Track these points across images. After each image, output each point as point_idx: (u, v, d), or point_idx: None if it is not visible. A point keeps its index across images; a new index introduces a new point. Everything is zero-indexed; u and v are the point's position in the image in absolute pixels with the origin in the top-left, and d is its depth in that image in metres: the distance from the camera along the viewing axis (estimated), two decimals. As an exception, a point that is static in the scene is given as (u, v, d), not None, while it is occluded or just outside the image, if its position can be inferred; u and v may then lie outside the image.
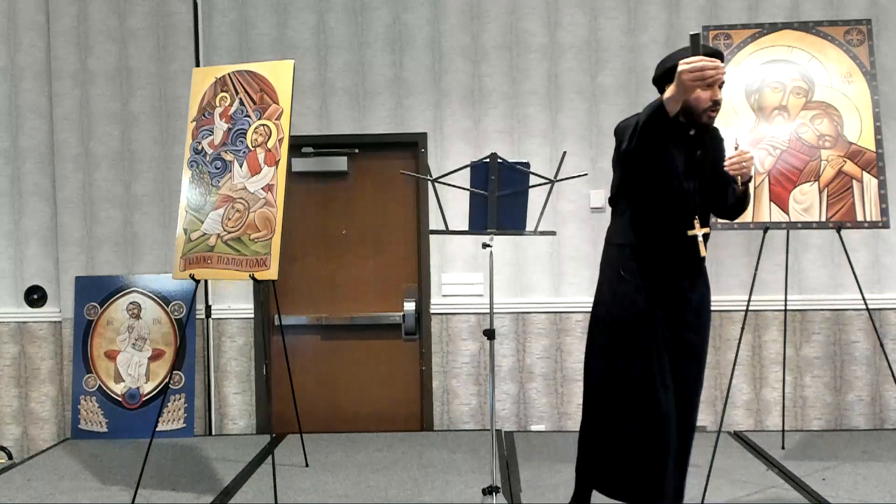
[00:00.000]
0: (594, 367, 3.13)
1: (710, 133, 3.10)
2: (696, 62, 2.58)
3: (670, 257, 3.02)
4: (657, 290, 3.02)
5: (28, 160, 5.08)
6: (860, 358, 4.88)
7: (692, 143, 3.05)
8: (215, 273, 3.78)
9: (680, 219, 3.01)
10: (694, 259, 3.02)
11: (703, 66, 2.57)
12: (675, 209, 3.00)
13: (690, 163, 3.03)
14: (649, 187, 3.00)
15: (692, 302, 3.08)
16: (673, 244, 3.02)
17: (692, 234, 2.98)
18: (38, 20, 5.06)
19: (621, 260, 3.09)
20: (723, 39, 4.15)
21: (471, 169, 3.36)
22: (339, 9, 5.01)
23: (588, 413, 3.16)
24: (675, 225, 3.00)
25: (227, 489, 3.92)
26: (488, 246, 3.34)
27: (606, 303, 3.11)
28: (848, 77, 4.04)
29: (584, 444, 3.18)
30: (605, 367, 3.08)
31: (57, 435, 5.07)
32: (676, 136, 2.99)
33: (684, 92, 2.67)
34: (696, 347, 3.10)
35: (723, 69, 2.65)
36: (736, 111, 4.05)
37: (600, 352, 3.11)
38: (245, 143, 3.82)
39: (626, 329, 3.03)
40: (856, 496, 3.65)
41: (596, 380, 3.11)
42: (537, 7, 4.96)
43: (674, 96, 2.68)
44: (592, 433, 3.13)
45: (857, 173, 3.95)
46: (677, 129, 2.96)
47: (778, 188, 3.97)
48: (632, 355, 3.01)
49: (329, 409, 5.06)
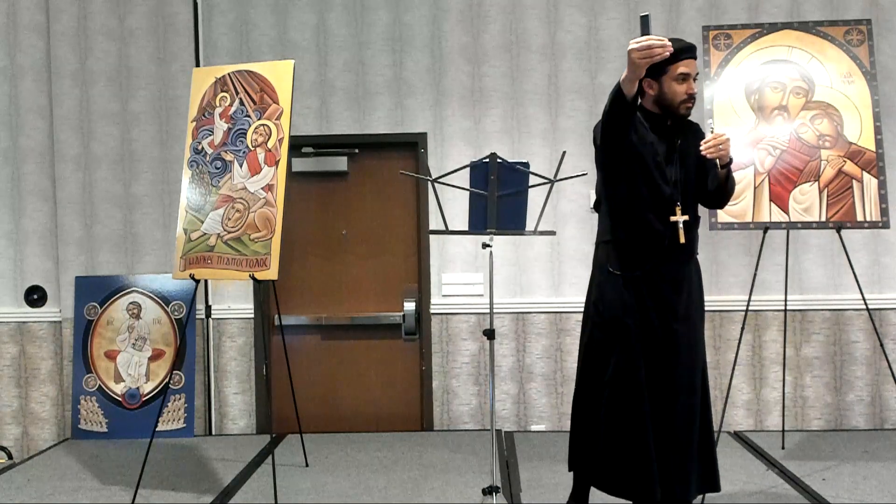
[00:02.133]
0: (583, 363, 3.17)
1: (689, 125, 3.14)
2: (643, 41, 2.68)
3: (654, 246, 3.04)
4: (645, 281, 3.04)
5: (28, 160, 5.08)
6: (860, 358, 4.88)
7: (672, 132, 3.08)
8: (215, 273, 3.79)
9: (663, 207, 3.03)
10: (679, 246, 3.02)
11: (651, 45, 2.66)
12: (657, 198, 3.03)
13: (672, 151, 3.07)
14: (629, 179, 3.03)
15: (682, 291, 3.08)
16: (656, 233, 3.04)
17: (674, 220, 2.99)
18: (38, 20, 5.06)
19: (608, 256, 3.13)
20: (723, 39, 4.15)
21: (471, 169, 3.36)
22: (339, 9, 5.01)
23: (576, 409, 3.19)
24: (658, 214, 3.03)
25: (227, 489, 3.92)
26: (488, 246, 3.34)
27: (595, 301, 3.14)
28: (848, 77, 4.05)
29: (573, 439, 3.21)
30: (592, 363, 3.11)
31: (57, 435, 5.07)
32: (656, 127, 3.05)
33: (636, 70, 2.74)
34: (687, 335, 3.09)
35: (669, 47, 2.72)
36: (736, 111, 4.05)
37: (589, 349, 3.14)
38: (245, 143, 3.82)
39: (612, 327, 3.06)
40: (856, 496, 3.65)
41: (584, 376, 3.16)
42: (537, 7, 4.96)
43: (628, 76, 2.76)
44: (580, 429, 3.16)
45: (857, 173, 3.96)
46: (655, 121, 3.05)
47: (778, 188, 3.97)
48: (618, 352, 3.03)
49: (329, 409, 5.07)
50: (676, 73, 2.98)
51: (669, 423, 3.02)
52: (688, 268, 3.13)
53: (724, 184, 3.11)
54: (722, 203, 3.25)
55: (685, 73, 2.98)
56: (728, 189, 3.16)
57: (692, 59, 3.02)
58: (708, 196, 3.18)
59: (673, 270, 3.08)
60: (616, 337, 3.05)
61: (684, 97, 2.99)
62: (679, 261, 3.09)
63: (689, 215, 3.06)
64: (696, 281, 3.17)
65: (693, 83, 3.00)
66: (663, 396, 3.03)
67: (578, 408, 3.19)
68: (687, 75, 2.99)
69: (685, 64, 2.98)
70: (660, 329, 3.04)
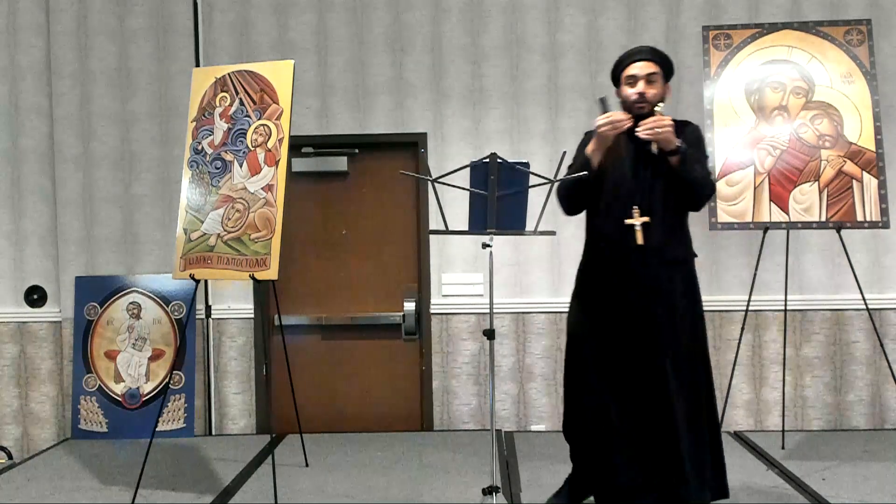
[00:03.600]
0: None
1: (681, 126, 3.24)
2: (605, 117, 3.13)
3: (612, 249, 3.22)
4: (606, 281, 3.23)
5: (28, 160, 5.08)
6: (860, 358, 4.88)
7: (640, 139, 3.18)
8: (215, 273, 3.78)
9: (619, 210, 3.18)
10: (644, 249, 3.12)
11: (611, 120, 3.12)
12: (614, 202, 3.19)
13: (640, 154, 3.17)
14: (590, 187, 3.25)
15: (651, 294, 3.17)
16: (609, 236, 3.23)
17: (629, 222, 3.12)
18: (38, 20, 5.06)
19: (581, 266, 3.40)
20: (723, 39, 4.15)
21: (471, 169, 3.36)
22: (339, 9, 5.01)
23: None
24: (613, 216, 3.19)
25: (227, 489, 3.92)
26: (488, 246, 3.34)
27: (569, 311, 3.43)
28: (848, 77, 4.05)
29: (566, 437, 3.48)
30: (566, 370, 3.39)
31: (57, 435, 5.07)
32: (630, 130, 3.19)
33: (604, 142, 3.16)
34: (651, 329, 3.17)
35: (629, 118, 3.16)
36: (736, 111, 4.05)
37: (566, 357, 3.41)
38: (245, 143, 3.82)
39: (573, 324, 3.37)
40: (856, 496, 3.65)
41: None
42: (537, 7, 4.96)
43: (596, 148, 3.20)
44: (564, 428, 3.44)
45: (857, 173, 3.96)
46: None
47: (778, 188, 3.97)
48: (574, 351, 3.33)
49: (329, 409, 5.06)
50: (625, 77, 3.25)
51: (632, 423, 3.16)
52: (663, 271, 3.17)
53: (683, 176, 3.13)
54: (694, 200, 3.24)
55: (632, 76, 3.22)
56: (689, 181, 3.16)
57: (640, 61, 3.23)
58: (680, 194, 3.20)
59: (639, 274, 3.16)
60: (574, 336, 3.35)
61: (634, 97, 3.21)
62: (647, 263, 3.15)
63: (654, 217, 3.12)
64: (680, 286, 3.21)
65: (644, 83, 3.20)
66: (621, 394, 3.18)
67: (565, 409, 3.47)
68: (634, 77, 3.22)
69: (631, 67, 3.23)
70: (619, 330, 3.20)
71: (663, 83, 3.26)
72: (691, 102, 4.84)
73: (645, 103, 3.19)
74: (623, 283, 3.19)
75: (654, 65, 3.22)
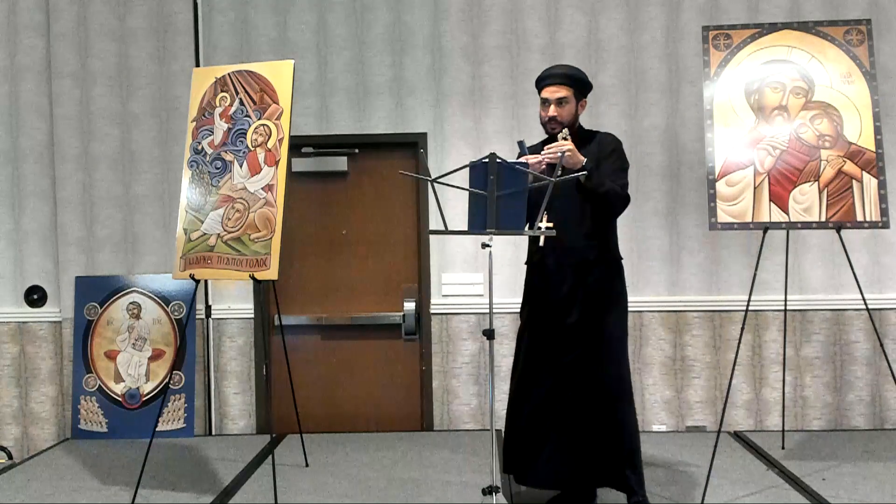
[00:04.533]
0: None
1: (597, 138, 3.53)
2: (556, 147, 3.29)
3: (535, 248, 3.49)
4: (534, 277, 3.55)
5: (28, 160, 5.08)
6: (860, 358, 4.88)
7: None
8: (215, 273, 3.79)
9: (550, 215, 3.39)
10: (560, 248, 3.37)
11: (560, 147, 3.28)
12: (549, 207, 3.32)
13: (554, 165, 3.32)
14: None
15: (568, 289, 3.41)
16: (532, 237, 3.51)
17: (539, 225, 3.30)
18: (38, 20, 5.06)
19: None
20: (723, 39, 4.15)
21: (470, 169, 3.36)
22: (339, 9, 5.01)
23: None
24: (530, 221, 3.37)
25: (227, 489, 3.92)
26: (488, 246, 3.33)
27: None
28: (848, 77, 4.04)
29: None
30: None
31: (57, 435, 5.07)
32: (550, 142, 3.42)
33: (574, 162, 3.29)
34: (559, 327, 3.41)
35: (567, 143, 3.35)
36: (736, 111, 4.05)
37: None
38: (245, 143, 3.82)
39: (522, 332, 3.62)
40: (856, 496, 3.65)
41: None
42: (537, 7, 4.96)
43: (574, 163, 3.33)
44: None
45: (856, 173, 3.95)
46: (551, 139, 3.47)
47: (778, 188, 3.96)
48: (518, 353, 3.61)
49: (329, 409, 5.06)
50: (540, 98, 3.50)
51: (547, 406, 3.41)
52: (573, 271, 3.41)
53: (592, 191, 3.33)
54: (608, 210, 3.44)
55: (544, 99, 3.47)
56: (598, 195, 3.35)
57: (551, 85, 3.43)
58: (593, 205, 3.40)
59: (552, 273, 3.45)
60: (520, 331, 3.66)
61: (545, 118, 3.48)
62: (561, 264, 3.43)
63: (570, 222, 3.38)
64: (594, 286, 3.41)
65: (554, 107, 3.42)
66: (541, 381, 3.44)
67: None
68: (546, 100, 3.46)
69: (544, 91, 3.47)
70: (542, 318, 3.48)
71: (577, 102, 3.48)
72: (691, 102, 4.85)
73: (556, 125, 3.44)
74: (542, 282, 3.50)
75: (564, 88, 3.44)
